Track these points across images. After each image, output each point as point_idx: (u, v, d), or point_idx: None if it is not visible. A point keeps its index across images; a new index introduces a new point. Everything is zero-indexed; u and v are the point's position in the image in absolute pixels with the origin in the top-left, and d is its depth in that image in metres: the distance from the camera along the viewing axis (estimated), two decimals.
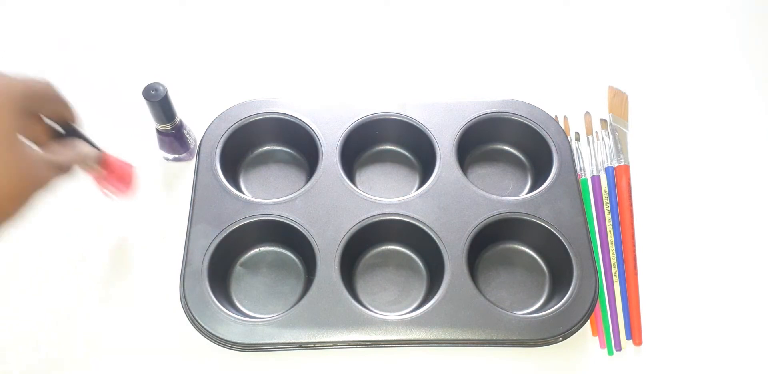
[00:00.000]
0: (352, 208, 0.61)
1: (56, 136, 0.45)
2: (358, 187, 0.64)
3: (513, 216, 0.62)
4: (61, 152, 0.42)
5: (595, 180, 0.68)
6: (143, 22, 0.80)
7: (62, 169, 0.42)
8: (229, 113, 0.66)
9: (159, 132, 0.64)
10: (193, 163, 0.66)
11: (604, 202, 0.67)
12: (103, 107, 0.73)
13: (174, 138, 0.65)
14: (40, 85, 0.41)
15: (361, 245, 0.63)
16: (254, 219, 0.60)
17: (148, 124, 0.62)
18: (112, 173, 0.56)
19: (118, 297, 0.62)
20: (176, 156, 0.68)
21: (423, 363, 0.59)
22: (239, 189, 0.65)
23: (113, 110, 0.72)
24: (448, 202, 0.62)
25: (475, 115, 0.67)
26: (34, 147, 0.40)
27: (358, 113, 0.66)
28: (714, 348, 0.61)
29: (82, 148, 0.45)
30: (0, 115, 0.37)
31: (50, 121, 0.45)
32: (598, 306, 0.61)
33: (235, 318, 0.56)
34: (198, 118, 0.67)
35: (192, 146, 0.68)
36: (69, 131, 0.45)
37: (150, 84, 0.59)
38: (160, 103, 0.59)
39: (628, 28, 0.82)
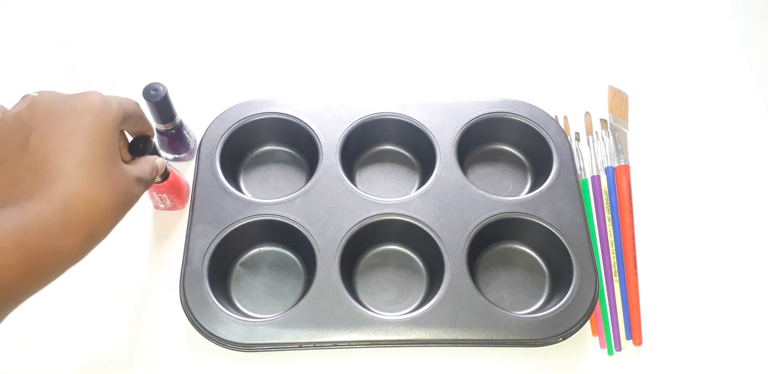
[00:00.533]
0: (352, 208, 0.61)
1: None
2: (358, 187, 0.64)
3: (513, 216, 0.62)
4: (144, 167, 0.45)
5: (595, 180, 0.68)
6: (143, 22, 0.80)
7: (147, 184, 0.44)
8: (229, 113, 0.66)
9: (159, 132, 0.64)
10: (193, 163, 0.66)
11: (604, 202, 0.67)
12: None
13: (174, 138, 0.65)
14: (131, 104, 0.43)
15: (361, 245, 0.63)
16: (254, 219, 0.60)
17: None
18: (172, 186, 0.61)
19: (118, 297, 0.62)
20: (176, 156, 0.68)
21: (423, 363, 0.59)
22: (239, 189, 0.65)
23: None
24: (448, 202, 0.62)
25: (475, 115, 0.67)
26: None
27: (358, 113, 0.66)
28: (714, 348, 0.61)
29: (156, 161, 0.47)
30: (106, 135, 0.39)
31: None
32: (598, 306, 0.61)
33: (235, 318, 0.56)
34: (198, 118, 0.67)
35: (192, 146, 0.68)
36: (145, 144, 0.47)
37: (150, 84, 0.59)
38: (160, 103, 0.59)
39: (628, 28, 0.82)
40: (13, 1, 0.81)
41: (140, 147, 0.47)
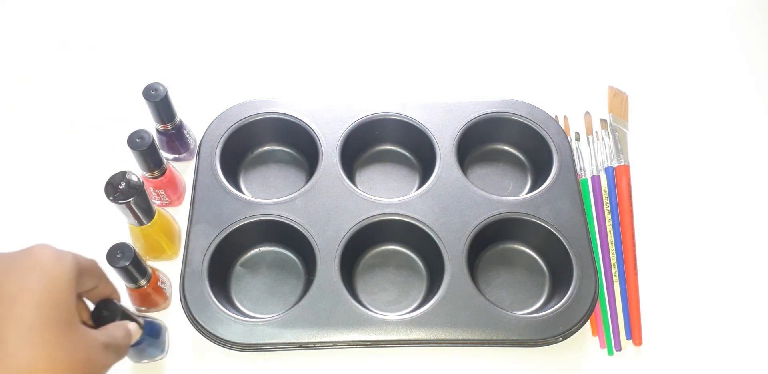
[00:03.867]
0: (352, 208, 0.61)
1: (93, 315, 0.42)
2: (358, 187, 0.64)
3: (513, 216, 0.62)
4: (114, 332, 0.39)
5: (595, 180, 0.68)
6: (143, 22, 0.80)
7: (119, 352, 0.38)
8: (229, 113, 0.66)
9: (159, 132, 0.64)
10: (193, 163, 0.66)
11: (604, 202, 0.67)
12: (103, 107, 0.73)
13: (174, 138, 0.65)
14: (88, 262, 0.38)
15: (361, 245, 0.63)
16: (254, 219, 0.60)
17: (148, 124, 0.62)
18: (169, 181, 0.61)
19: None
20: (176, 156, 0.68)
21: (423, 363, 0.59)
22: (239, 189, 0.65)
23: (113, 110, 0.73)
24: (448, 202, 0.62)
25: (475, 115, 0.67)
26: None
27: (358, 113, 0.66)
28: (714, 348, 0.61)
29: (130, 326, 0.42)
30: (58, 295, 0.33)
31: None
32: (598, 306, 0.61)
33: (235, 318, 0.56)
34: (198, 118, 0.67)
35: (192, 146, 0.68)
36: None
37: (150, 84, 0.59)
38: (160, 103, 0.59)
39: (628, 28, 0.82)
40: (13, 1, 0.81)
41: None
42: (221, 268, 0.61)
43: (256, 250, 0.64)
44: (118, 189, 0.50)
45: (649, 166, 0.70)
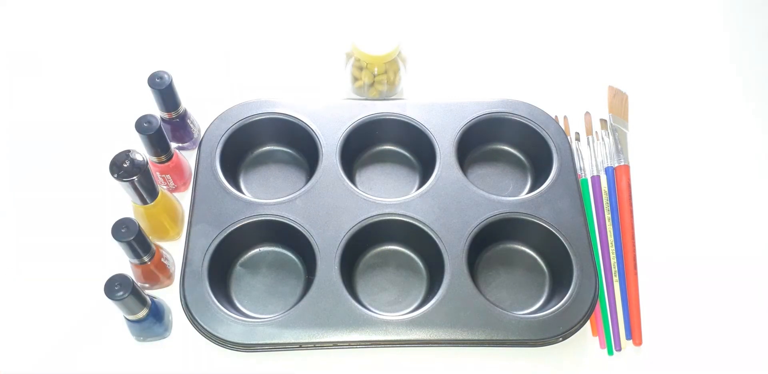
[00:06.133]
0: (352, 208, 0.61)
1: None
2: (358, 187, 0.64)
3: (513, 216, 0.62)
4: None
5: (595, 180, 0.68)
6: (143, 23, 0.80)
7: None
8: (229, 113, 0.66)
9: (163, 120, 0.64)
10: (193, 162, 0.66)
11: (604, 202, 0.67)
12: (107, 105, 0.73)
13: (178, 127, 0.65)
14: None
15: (361, 245, 0.63)
16: (254, 220, 0.60)
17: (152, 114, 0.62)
18: (175, 166, 0.61)
19: None
20: (180, 145, 0.68)
21: (423, 363, 0.59)
22: (239, 189, 0.65)
23: (116, 103, 0.72)
24: (448, 202, 0.62)
25: (475, 115, 0.67)
26: None
27: (358, 113, 0.66)
28: (714, 348, 0.61)
29: None
30: None
31: None
32: (598, 306, 0.61)
33: (235, 318, 0.56)
34: (198, 119, 0.67)
35: (195, 135, 0.68)
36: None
37: (155, 72, 0.58)
38: (164, 91, 0.59)
39: (628, 28, 0.82)
40: (13, 1, 0.81)
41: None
42: (221, 268, 0.61)
43: (256, 250, 0.64)
44: (123, 167, 0.51)
45: (649, 166, 0.70)
